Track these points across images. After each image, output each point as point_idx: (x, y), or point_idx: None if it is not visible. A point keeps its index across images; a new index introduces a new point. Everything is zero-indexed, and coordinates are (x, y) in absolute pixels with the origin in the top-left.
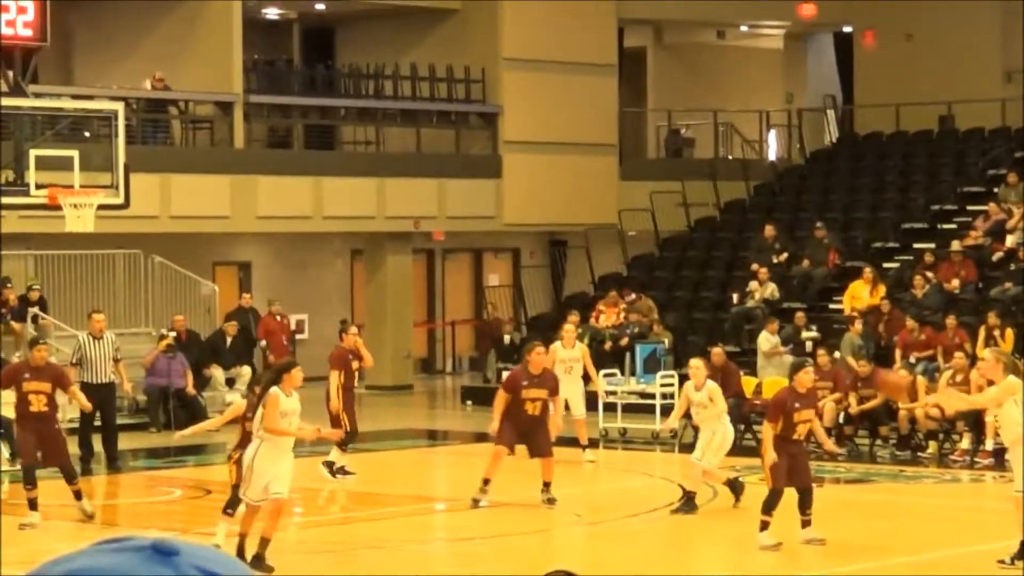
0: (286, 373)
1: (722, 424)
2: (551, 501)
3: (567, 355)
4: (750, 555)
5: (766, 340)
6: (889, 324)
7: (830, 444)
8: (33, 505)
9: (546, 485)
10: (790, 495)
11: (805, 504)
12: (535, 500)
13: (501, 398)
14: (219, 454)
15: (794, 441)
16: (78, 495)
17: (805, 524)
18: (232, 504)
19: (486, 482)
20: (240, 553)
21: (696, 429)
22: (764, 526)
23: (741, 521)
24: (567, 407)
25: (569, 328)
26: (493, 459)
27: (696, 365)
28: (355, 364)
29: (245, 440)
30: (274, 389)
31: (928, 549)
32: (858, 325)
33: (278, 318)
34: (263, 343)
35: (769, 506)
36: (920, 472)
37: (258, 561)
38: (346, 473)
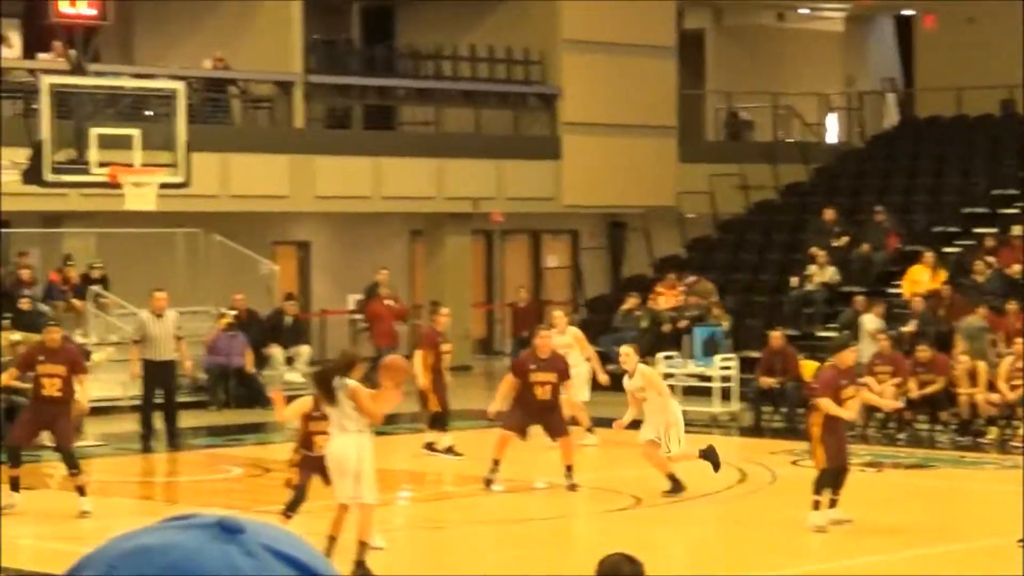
0: (355, 366)
1: (669, 406)
2: (573, 487)
3: (560, 341)
4: (805, 537)
5: (871, 321)
6: (951, 309)
7: (889, 402)
8: (15, 486)
9: (568, 469)
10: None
11: (838, 484)
12: (592, 483)
13: (508, 382)
14: (277, 433)
15: (839, 421)
16: (81, 491)
17: (833, 504)
18: (292, 506)
19: (496, 463)
20: (360, 558)
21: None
22: (816, 505)
23: (793, 501)
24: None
25: (559, 315)
26: (500, 443)
27: (625, 352)
28: (445, 347)
29: (307, 440)
30: (351, 381)
31: (989, 535)
32: (982, 310)
33: (388, 302)
34: (365, 326)
35: (821, 485)
36: (981, 458)
37: (360, 567)
38: (455, 454)
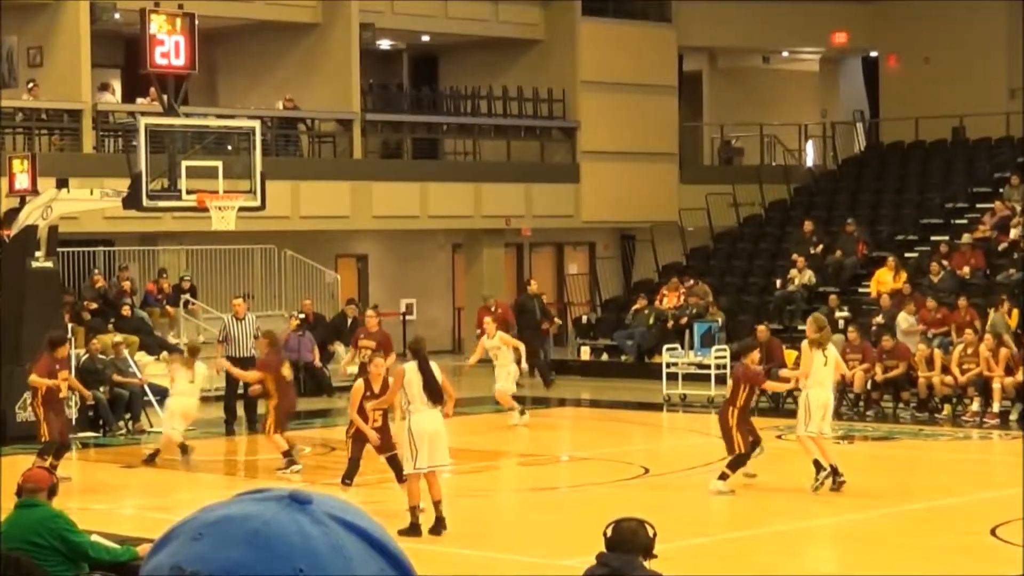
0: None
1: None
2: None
3: (491, 344)
4: (789, 499)
5: (904, 319)
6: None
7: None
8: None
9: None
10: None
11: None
12: (610, 456)
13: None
14: (341, 416)
15: (747, 411)
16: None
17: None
18: (349, 475)
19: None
20: (414, 522)
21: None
22: (724, 477)
23: (778, 469)
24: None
25: (488, 321)
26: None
27: (488, 321)
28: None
29: (362, 416)
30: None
31: (944, 496)
32: (1007, 305)
33: (492, 308)
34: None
35: (737, 466)
36: (937, 431)
37: (440, 523)
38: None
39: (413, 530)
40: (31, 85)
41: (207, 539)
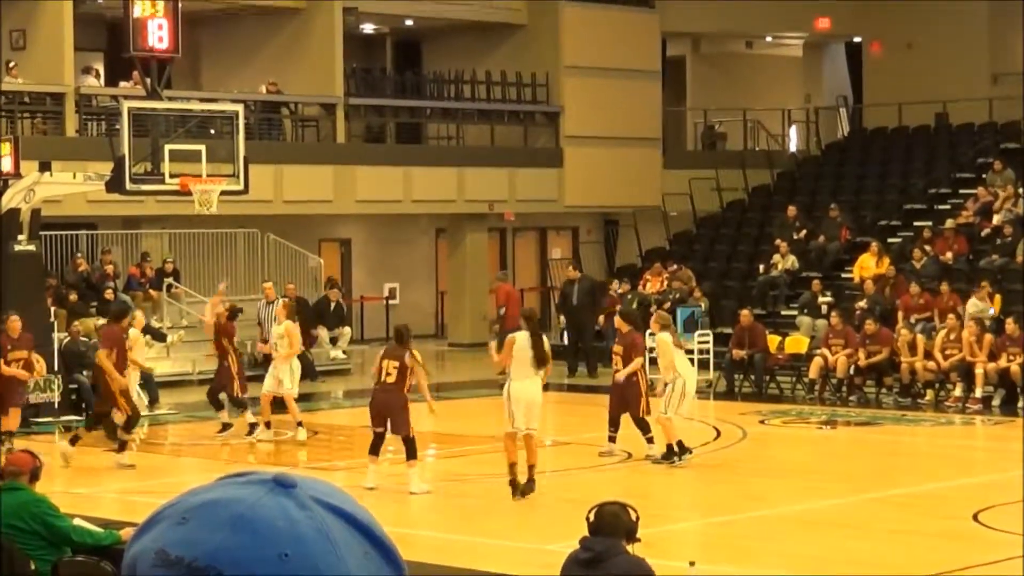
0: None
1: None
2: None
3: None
4: (772, 482)
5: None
6: (894, 289)
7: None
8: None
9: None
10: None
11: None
12: (592, 440)
13: None
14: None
15: None
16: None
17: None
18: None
19: None
20: (513, 478)
21: None
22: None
23: (761, 454)
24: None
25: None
26: None
27: (284, 301)
28: None
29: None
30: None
31: (926, 481)
32: (987, 291)
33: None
34: (502, 310)
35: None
36: (920, 416)
37: (531, 483)
38: None
39: (512, 487)
40: (12, 65)
41: (192, 523)
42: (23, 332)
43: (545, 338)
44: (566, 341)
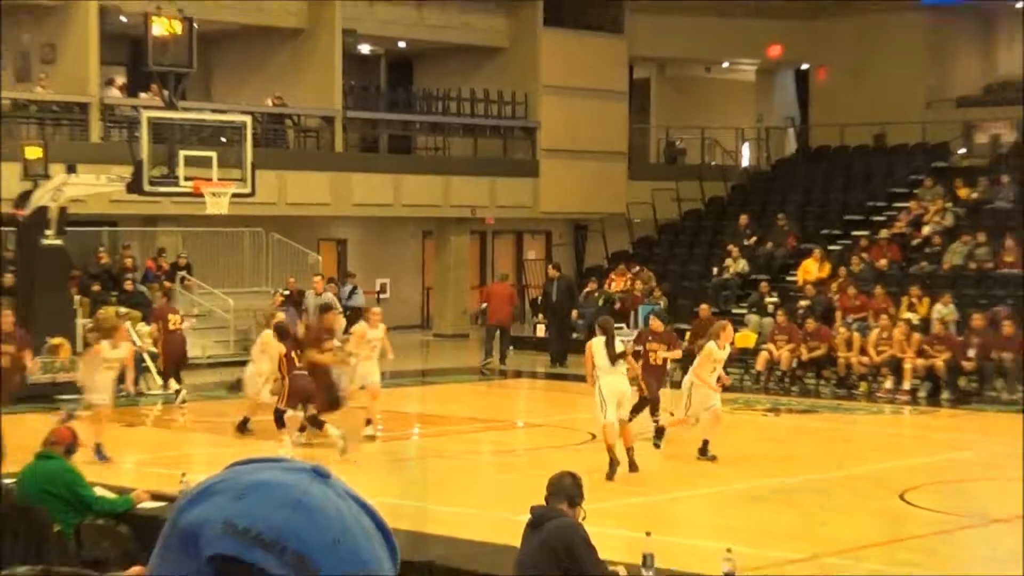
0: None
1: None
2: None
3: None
4: (724, 462)
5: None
6: (832, 290)
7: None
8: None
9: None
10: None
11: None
12: (561, 423)
13: None
14: None
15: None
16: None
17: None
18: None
19: None
20: (612, 459)
21: None
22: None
23: (717, 438)
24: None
25: (376, 311)
26: None
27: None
28: None
29: None
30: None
31: (858, 464)
32: (917, 296)
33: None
34: (484, 305)
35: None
36: (854, 406)
37: (633, 465)
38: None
39: (611, 467)
40: (42, 77)
41: (250, 500)
42: (16, 328)
43: (618, 339)
44: (541, 333)
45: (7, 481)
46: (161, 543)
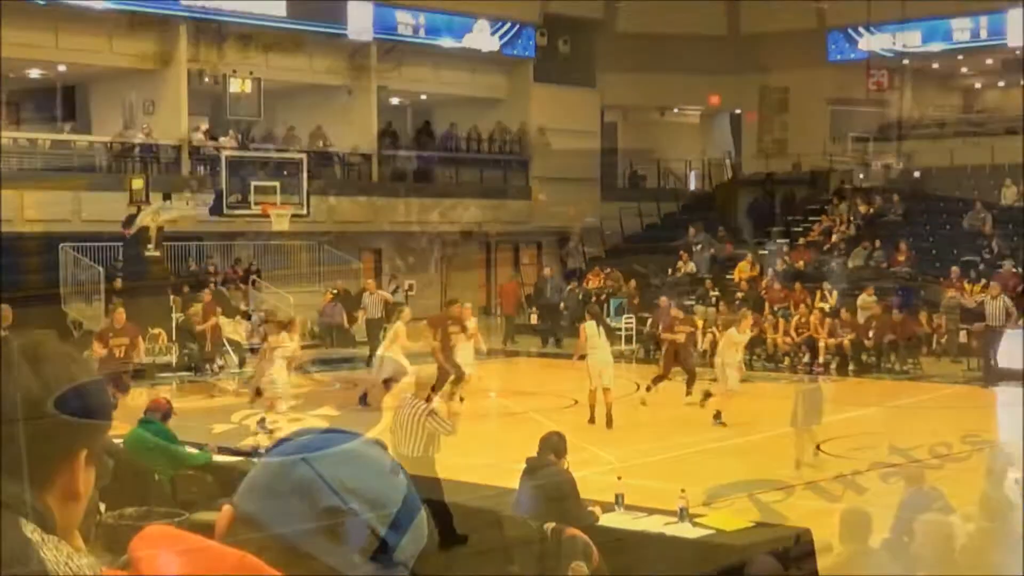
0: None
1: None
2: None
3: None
4: (674, 426)
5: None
6: (762, 286)
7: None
8: None
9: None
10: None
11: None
12: (551, 391)
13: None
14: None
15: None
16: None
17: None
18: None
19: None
20: (609, 415)
21: None
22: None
23: (667, 406)
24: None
25: (468, 306)
26: None
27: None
28: None
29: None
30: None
31: (784, 426)
32: (827, 290)
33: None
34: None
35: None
36: (779, 376)
37: (609, 420)
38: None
39: (591, 418)
40: (146, 127)
41: (355, 466)
42: (127, 323)
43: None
44: (534, 320)
45: (117, 440)
46: (265, 489)
